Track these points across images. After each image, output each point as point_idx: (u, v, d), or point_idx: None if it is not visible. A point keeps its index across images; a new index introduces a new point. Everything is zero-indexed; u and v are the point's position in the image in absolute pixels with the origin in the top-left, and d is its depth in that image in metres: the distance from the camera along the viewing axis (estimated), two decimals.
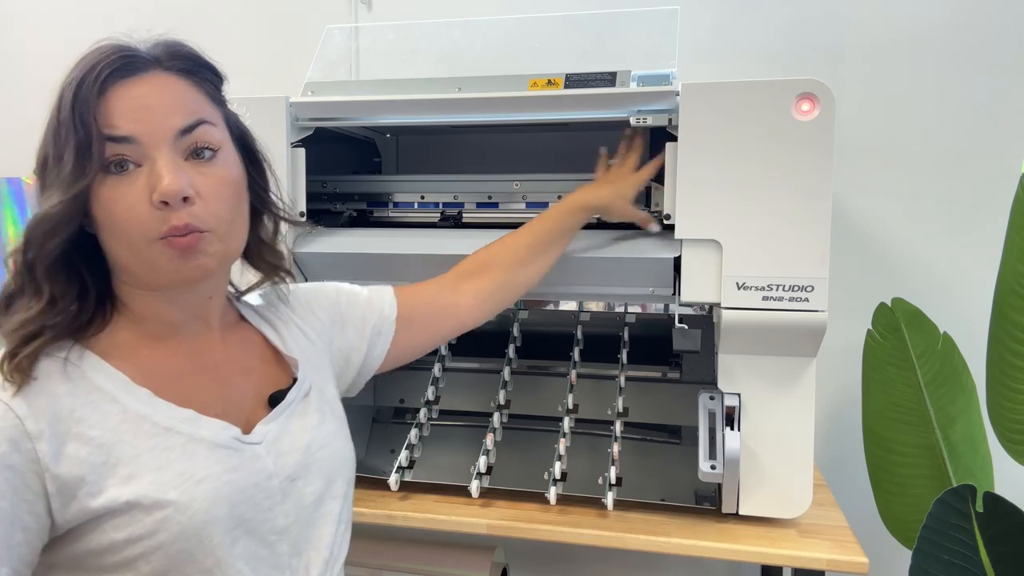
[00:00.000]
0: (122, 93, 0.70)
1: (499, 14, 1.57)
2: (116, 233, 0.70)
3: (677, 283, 1.10)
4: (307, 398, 0.84)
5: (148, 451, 0.69)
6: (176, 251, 0.70)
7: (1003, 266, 1.16)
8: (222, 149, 0.75)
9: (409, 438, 1.27)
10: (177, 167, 0.70)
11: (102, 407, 0.69)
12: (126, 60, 0.71)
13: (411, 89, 1.21)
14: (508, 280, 1.07)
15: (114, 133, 0.68)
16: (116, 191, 0.69)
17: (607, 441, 1.24)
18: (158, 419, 0.71)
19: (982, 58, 1.45)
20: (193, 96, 0.74)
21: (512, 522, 1.14)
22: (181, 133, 0.71)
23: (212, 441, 0.72)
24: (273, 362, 0.85)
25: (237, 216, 0.76)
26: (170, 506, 0.67)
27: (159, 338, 0.76)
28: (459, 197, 1.31)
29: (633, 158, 1.16)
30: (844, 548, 1.06)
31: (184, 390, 0.75)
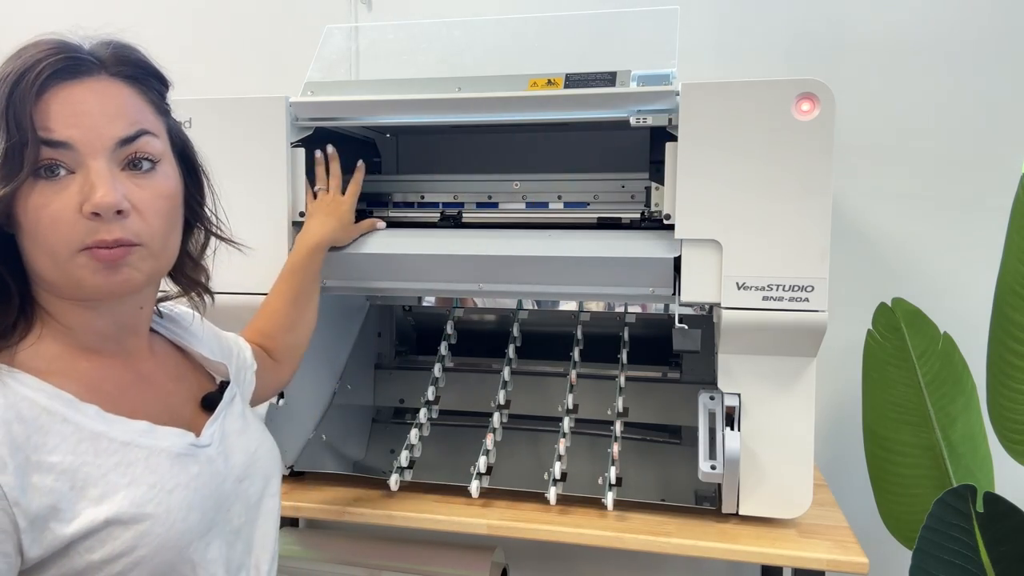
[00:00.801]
0: (62, 96, 0.66)
1: (499, 14, 1.57)
2: (38, 240, 0.66)
3: (677, 283, 1.10)
4: (233, 402, 0.85)
5: (113, 468, 0.67)
6: (100, 263, 0.67)
7: (1003, 266, 1.16)
8: (162, 161, 0.72)
9: (409, 438, 1.27)
10: (113, 178, 0.66)
11: (55, 429, 0.65)
12: (70, 61, 0.68)
13: (411, 89, 1.21)
14: (290, 340, 1.10)
15: (50, 137, 0.65)
16: (44, 196, 0.65)
17: (607, 441, 1.24)
18: (115, 435, 0.68)
19: (982, 58, 1.45)
20: (137, 105, 0.71)
21: (512, 522, 1.13)
22: (121, 143, 0.68)
23: (170, 451, 0.71)
24: (193, 369, 0.86)
25: (172, 230, 0.74)
26: (148, 519, 0.66)
27: (91, 349, 0.73)
28: (459, 197, 1.31)
29: (335, 182, 1.23)
30: (844, 548, 1.06)
31: (130, 402, 0.72)
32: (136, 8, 1.80)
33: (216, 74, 1.75)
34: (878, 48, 1.49)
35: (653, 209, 1.17)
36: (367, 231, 1.25)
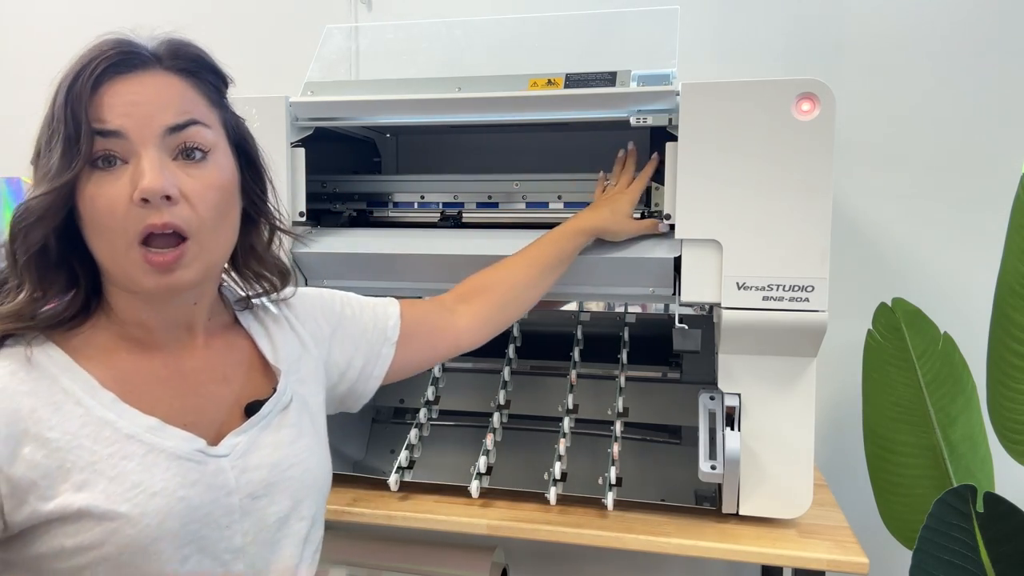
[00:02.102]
0: (116, 88, 0.69)
1: (499, 14, 1.57)
2: (96, 229, 0.69)
3: (677, 283, 1.10)
4: (286, 411, 0.80)
5: (105, 459, 0.67)
6: (152, 267, 0.68)
7: (1003, 266, 1.16)
8: (214, 151, 0.73)
9: (409, 438, 1.27)
10: (161, 165, 0.68)
11: (65, 408, 0.67)
12: (124, 56, 0.70)
13: (411, 89, 1.21)
14: (506, 303, 1.06)
15: (102, 127, 0.67)
16: (100, 186, 0.68)
17: (607, 441, 1.23)
18: (120, 425, 0.68)
19: (982, 58, 1.45)
20: (189, 96, 0.72)
21: (512, 522, 1.13)
22: (170, 131, 0.69)
23: (173, 452, 0.70)
24: (259, 369, 0.82)
25: (223, 222, 0.74)
26: (120, 518, 0.65)
27: (137, 342, 0.74)
28: (459, 197, 1.31)
29: (626, 177, 1.16)
30: (844, 548, 1.06)
31: (153, 396, 0.72)
32: (136, 8, 1.80)
33: None
34: (878, 48, 1.49)
35: (653, 209, 1.17)
36: (647, 231, 1.13)
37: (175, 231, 0.69)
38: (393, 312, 0.97)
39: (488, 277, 1.06)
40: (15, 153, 2.08)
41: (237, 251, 0.80)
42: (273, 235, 0.84)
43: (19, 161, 2.09)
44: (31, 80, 1.97)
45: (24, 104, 1.90)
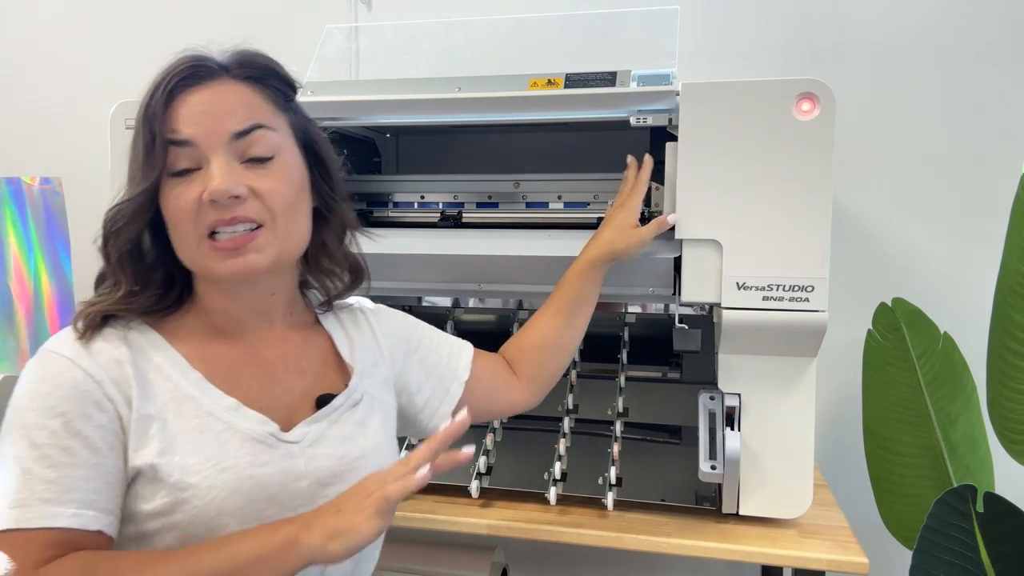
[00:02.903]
0: (186, 100, 0.74)
1: (499, 14, 1.57)
2: (174, 229, 0.75)
3: (677, 283, 1.10)
4: (355, 407, 0.84)
5: (185, 432, 0.72)
6: (222, 252, 0.73)
7: (1003, 266, 1.16)
8: (281, 154, 0.77)
9: (409, 438, 1.27)
10: (229, 169, 0.73)
11: (155, 384, 0.73)
12: (194, 68, 0.75)
13: (411, 89, 1.21)
14: (544, 361, 1.06)
15: (175, 137, 0.73)
16: (175, 191, 0.73)
17: (607, 441, 1.23)
18: (203, 403, 0.74)
19: (982, 58, 1.45)
20: (254, 102, 0.77)
21: (512, 522, 1.13)
22: (236, 136, 0.74)
23: (247, 433, 0.74)
24: (334, 367, 0.86)
25: (296, 215, 0.78)
26: (190, 489, 0.70)
27: (222, 330, 0.80)
28: (459, 197, 1.31)
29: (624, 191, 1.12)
30: (844, 548, 1.06)
31: (235, 380, 0.77)
32: (137, 8, 1.80)
33: None
34: (878, 48, 1.49)
35: (653, 209, 1.17)
36: (657, 232, 1.07)
37: (245, 222, 0.74)
38: (467, 353, 1.01)
39: (520, 341, 1.07)
40: (15, 153, 2.09)
41: (309, 248, 0.84)
42: (344, 232, 0.88)
43: (19, 161, 2.10)
44: (31, 80, 1.98)
45: (24, 104, 1.91)
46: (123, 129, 1.25)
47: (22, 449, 0.68)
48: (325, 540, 0.67)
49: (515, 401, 1.05)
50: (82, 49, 1.86)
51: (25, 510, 0.66)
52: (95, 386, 0.70)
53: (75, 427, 0.68)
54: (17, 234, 1.57)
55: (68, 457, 0.68)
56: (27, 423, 0.68)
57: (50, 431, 0.68)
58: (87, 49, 1.86)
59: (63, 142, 1.88)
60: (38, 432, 0.68)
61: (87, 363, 0.71)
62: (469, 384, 0.98)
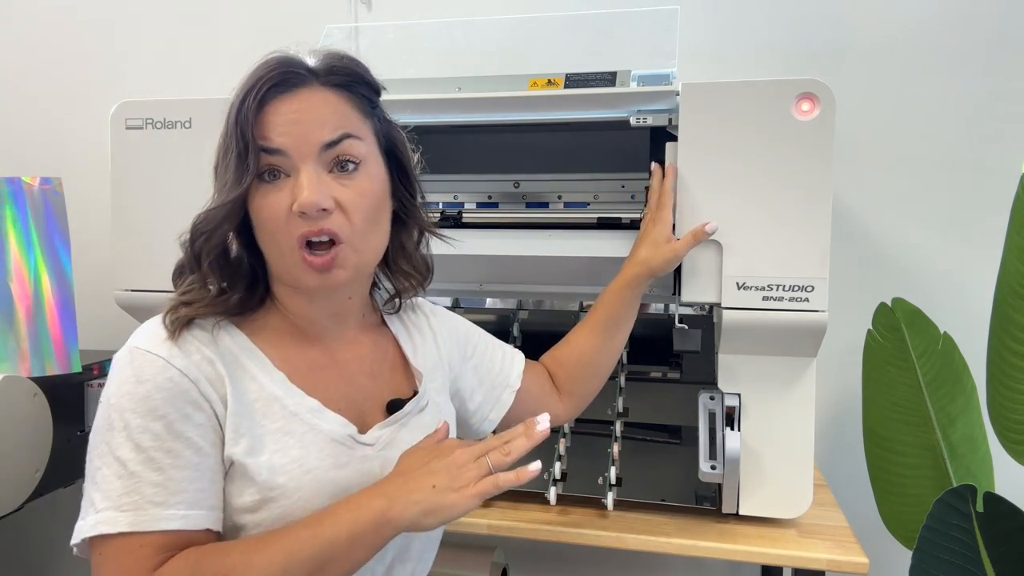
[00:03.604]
0: (278, 108, 0.75)
1: (499, 14, 1.56)
2: (264, 234, 0.76)
3: (677, 283, 1.10)
4: (422, 413, 0.85)
5: (272, 432, 0.73)
6: (311, 267, 0.74)
7: (1003, 266, 1.16)
8: (366, 162, 0.78)
9: None
10: (319, 180, 0.74)
11: (243, 384, 0.74)
12: (285, 75, 0.75)
13: (411, 89, 1.21)
14: (584, 376, 1.07)
15: (267, 145, 0.74)
16: (266, 197, 0.74)
17: (607, 441, 1.23)
18: (288, 403, 0.75)
19: (982, 58, 1.45)
20: (343, 110, 0.77)
21: (512, 522, 1.14)
22: (326, 147, 0.75)
23: (329, 434, 0.76)
24: (400, 370, 0.88)
25: (376, 227, 0.80)
26: (277, 488, 0.71)
27: (300, 331, 0.81)
28: (459, 197, 1.31)
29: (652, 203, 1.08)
30: (844, 548, 1.06)
31: (315, 381, 0.78)
32: (137, 8, 1.80)
33: (217, 74, 1.75)
34: (878, 48, 1.49)
35: None
36: (695, 243, 1.04)
37: (329, 235, 0.74)
38: (519, 361, 1.02)
39: (559, 356, 1.08)
40: (15, 153, 2.09)
41: (388, 250, 0.85)
42: (422, 235, 0.89)
43: (19, 161, 2.10)
44: (31, 80, 1.97)
45: (24, 104, 1.91)
46: (123, 129, 1.25)
47: (127, 452, 0.68)
48: (421, 516, 0.69)
49: (556, 414, 1.06)
50: (82, 49, 1.86)
51: (136, 514, 0.66)
52: (191, 385, 0.71)
53: (177, 429, 0.69)
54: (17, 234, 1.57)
55: (173, 459, 0.68)
56: (130, 425, 0.68)
57: (153, 434, 0.68)
58: (87, 49, 1.85)
59: (63, 142, 1.88)
60: (142, 435, 0.68)
61: (182, 362, 0.71)
62: (519, 393, 1.00)
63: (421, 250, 0.90)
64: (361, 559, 0.69)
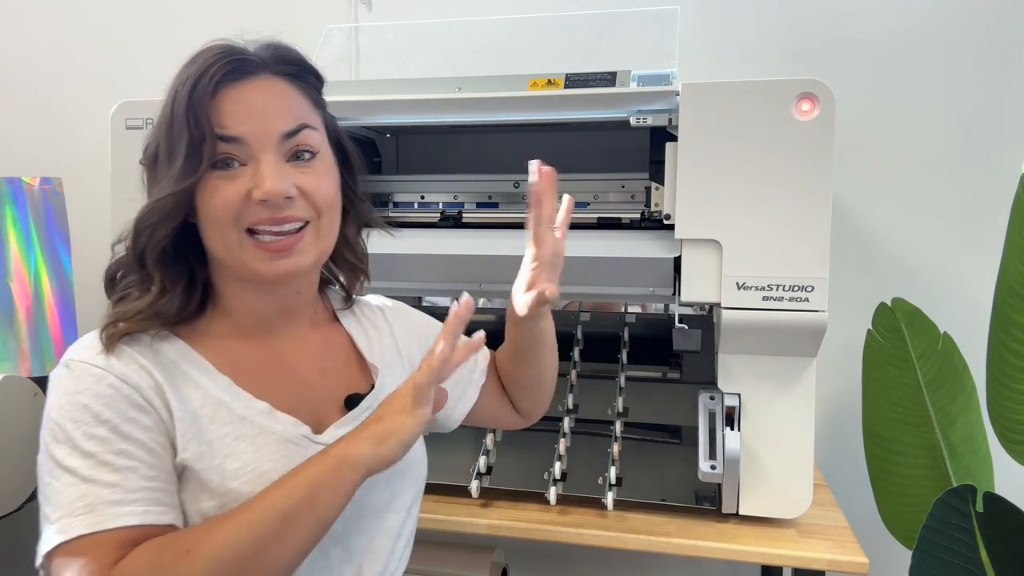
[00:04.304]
0: (233, 95, 0.73)
1: (499, 14, 1.57)
2: (212, 223, 0.73)
3: (677, 283, 1.10)
4: None
5: (221, 437, 0.71)
6: (266, 252, 0.73)
7: (1003, 266, 1.16)
8: (321, 152, 0.77)
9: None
10: (280, 169, 0.73)
11: (185, 391, 0.72)
12: (238, 63, 0.74)
13: (411, 89, 1.21)
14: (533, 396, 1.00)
15: (225, 133, 0.71)
16: (218, 185, 0.72)
17: (607, 441, 1.24)
18: (235, 407, 0.73)
19: (982, 58, 1.45)
20: (298, 101, 0.77)
21: (512, 522, 1.14)
22: (285, 136, 0.74)
23: (282, 435, 0.74)
24: (355, 365, 0.86)
25: (334, 212, 0.79)
26: (230, 494, 0.69)
27: (246, 332, 0.79)
28: (459, 197, 1.31)
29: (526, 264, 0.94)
30: (844, 548, 1.06)
31: (263, 382, 0.76)
32: (137, 8, 1.80)
33: None
34: (878, 48, 1.49)
35: (653, 209, 1.17)
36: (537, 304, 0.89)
37: (298, 221, 0.73)
38: (484, 356, 0.99)
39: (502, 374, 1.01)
40: (15, 153, 2.09)
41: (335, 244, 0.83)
42: (362, 227, 0.89)
43: (19, 161, 2.10)
44: (31, 80, 1.97)
45: (24, 104, 1.91)
46: (123, 129, 1.25)
47: (75, 461, 0.66)
48: (374, 446, 0.69)
49: (511, 421, 1.03)
50: (82, 49, 1.86)
51: (93, 515, 0.64)
52: (132, 390, 0.69)
53: (124, 431, 0.67)
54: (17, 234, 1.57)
55: (126, 460, 0.66)
56: (73, 436, 0.66)
57: (100, 439, 0.66)
58: (87, 49, 1.85)
59: (63, 142, 1.88)
60: (88, 443, 0.66)
61: (120, 370, 0.69)
62: (483, 388, 0.97)
63: (361, 242, 0.89)
64: (327, 511, 0.68)
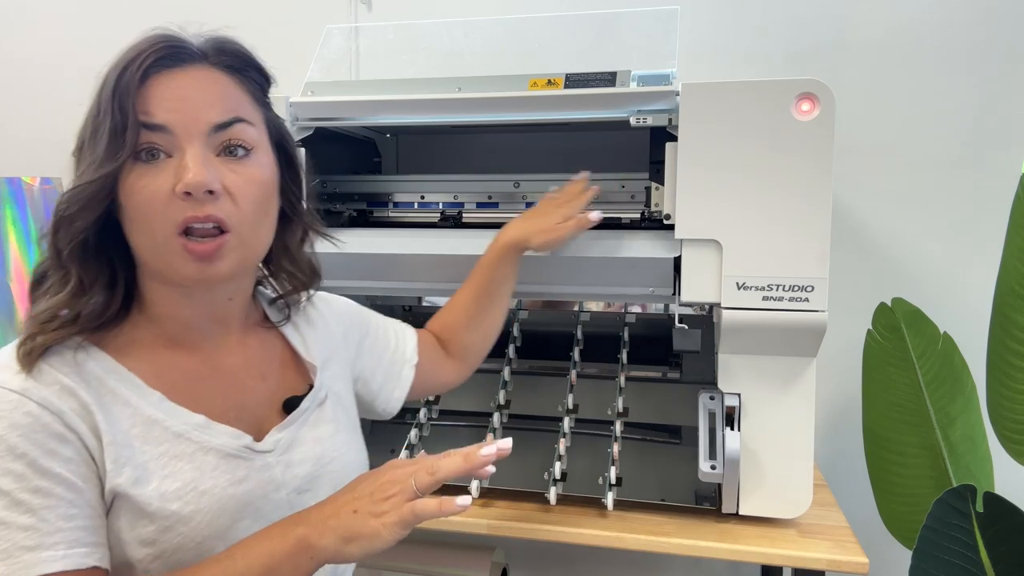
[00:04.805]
0: (163, 82, 0.69)
1: (499, 14, 1.57)
2: (136, 220, 0.69)
3: (677, 283, 1.10)
4: (322, 406, 0.82)
5: (156, 458, 0.68)
6: (192, 255, 0.68)
7: (1003, 266, 1.16)
8: (256, 149, 0.73)
9: (409, 438, 1.27)
10: (205, 161, 0.68)
11: (114, 409, 0.67)
12: (173, 50, 0.70)
13: (411, 89, 1.21)
14: (467, 339, 1.07)
15: (149, 120, 0.68)
16: (142, 178, 0.68)
17: (607, 441, 1.23)
18: (169, 424, 0.69)
19: (982, 58, 1.45)
20: (235, 93, 0.73)
21: (512, 522, 1.13)
22: (216, 128, 0.70)
23: (222, 450, 0.71)
24: (292, 366, 0.84)
25: (264, 219, 0.75)
26: (172, 516, 0.66)
27: (176, 339, 0.75)
28: (459, 197, 1.31)
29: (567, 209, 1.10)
30: (844, 548, 1.06)
31: (197, 394, 0.73)
32: (136, 9, 1.80)
33: None
34: (878, 48, 1.49)
35: (653, 209, 1.17)
36: (578, 230, 1.08)
37: (216, 224, 0.69)
38: (411, 336, 1.01)
39: (446, 321, 1.08)
40: (15, 153, 2.09)
41: (272, 249, 0.80)
42: (307, 236, 0.85)
43: (19, 161, 2.10)
44: (31, 80, 1.97)
45: (24, 104, 1.91)
46: None
47: None
48: (341, 544, 0.65)
49: (448, 380, 1.06)
50: (82, 49, 1.86)
51: (9, 563, 0.60)
52: (53, 418, 0.63)
53: (42, 466, 0.62)
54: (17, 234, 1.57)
55: (42, 499, 0.62)
56: None
57: (15, 475, 0.61)
58: (87, 49, 1.85)
59: (63, 142, 1.88)
60: (2, 479, 0.61)
61: (40, 394, 0.64)
62: (417, 367, 0.99)
63: (305, 251, 0.85)
64: None
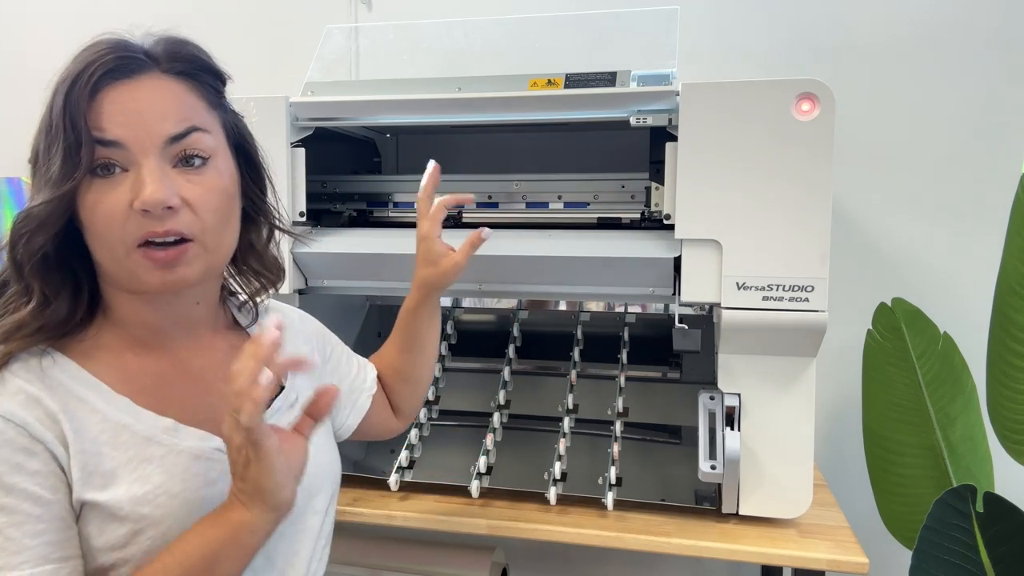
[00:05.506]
0: (114, 96, 0.68)
1: (499, 14, 1.57)
2: (97, 236, 0.68)
3: (677, 283, 1.10)
4: (292, 409, 0.81)
5: (125, 463, 0.67)
6: (154, 263, 0.68)
7: (1003, 266, 1.16)
8: (214, 156, 0.72)
9: (409, 438, 1.27)
10: (162, 175, 0.67)
11: (81, 416, 0.67)
12: (122, 60, 0.69)
13: (411, 89, 1.21)
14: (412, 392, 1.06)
15: (103, 137, 0.66)
16: (99, 194, 0.67)
17: (607, 441, 1.23)
18: (138, 428, 0.69)
19: (982, 58, 1.45)
20: (189, 101, 0.72)
21: (512, 522, 1.13)
22: (171, 140, 0.69)
23: (191, 453, 0.70)
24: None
25: (226, 225, 0.74)
26: (143, 520, 0.66)
27: (143, 343, 0.74)
28: None
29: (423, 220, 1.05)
30: (844, 548, 1.06)
31: (166, 397, 0.72)
32: (136, 9, 1.79)
33: None
34: (878, 48, 1.49)
35: (653, 209, 1.17)
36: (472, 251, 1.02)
37: (177, 237, 0.68)
38: (372, 369, 1.02)
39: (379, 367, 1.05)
40: (15, 153, 2.08)
41: (236, 249, 0.79)
42: (272, 234, 0.84)
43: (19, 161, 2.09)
44: (31, 80, 1.97)
45: (24, 104, 1.91)
46: None
47: None
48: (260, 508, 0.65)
49: (391, 427, 1.05)
50: (80, 44, 1.86)
51: None
52: (19, 430, 0.63)
53: (8, 482, 0.62)
54: None
55: (7, 516, 0.62)
56: None
57: None
58: None
59: None
60: None
61: (5, 406, 0.64)
62: (374, 398, 0.99)
63: (271, 249, 0.84)
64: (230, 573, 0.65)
